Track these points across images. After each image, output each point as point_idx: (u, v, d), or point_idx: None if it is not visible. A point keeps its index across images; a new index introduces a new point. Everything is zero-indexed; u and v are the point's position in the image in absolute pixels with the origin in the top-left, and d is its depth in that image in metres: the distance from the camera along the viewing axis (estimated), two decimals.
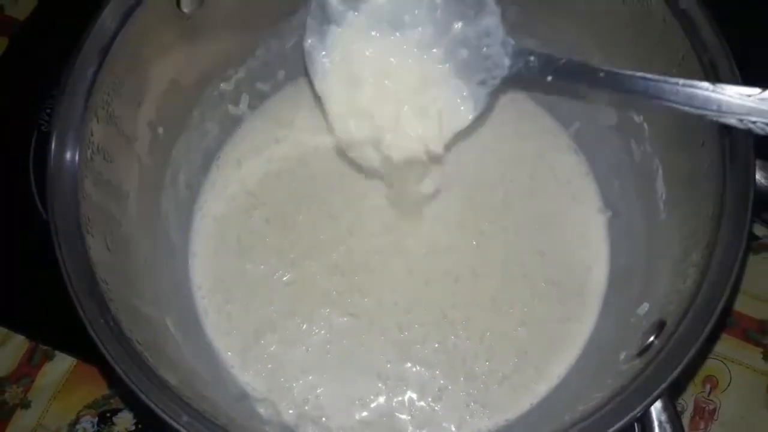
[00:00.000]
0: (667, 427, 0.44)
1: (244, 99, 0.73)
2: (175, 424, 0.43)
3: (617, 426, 0.43)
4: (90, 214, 0.50)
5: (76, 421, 0.73)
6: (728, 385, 0.72)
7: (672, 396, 0.44)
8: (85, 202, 0.49)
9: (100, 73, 0.53)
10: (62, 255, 0.47)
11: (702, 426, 0.71)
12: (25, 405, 0.74)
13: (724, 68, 0.51)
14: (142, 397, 0.44)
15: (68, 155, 0.50)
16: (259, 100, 0.74)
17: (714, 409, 0.71)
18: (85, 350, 0.70)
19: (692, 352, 0.44)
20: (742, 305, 0.74)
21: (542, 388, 0.63)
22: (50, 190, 0.48)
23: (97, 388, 0.74)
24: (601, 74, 0.52)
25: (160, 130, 0.62)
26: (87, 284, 0.47)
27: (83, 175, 0.50)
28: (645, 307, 0.56)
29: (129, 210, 0.57)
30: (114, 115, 0.55)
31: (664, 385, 0.43)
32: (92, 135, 0.52)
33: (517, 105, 0.74)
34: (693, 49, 0.53)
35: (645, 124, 0.62)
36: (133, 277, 0.55)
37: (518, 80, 0.72)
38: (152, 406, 0.44)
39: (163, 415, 0.44)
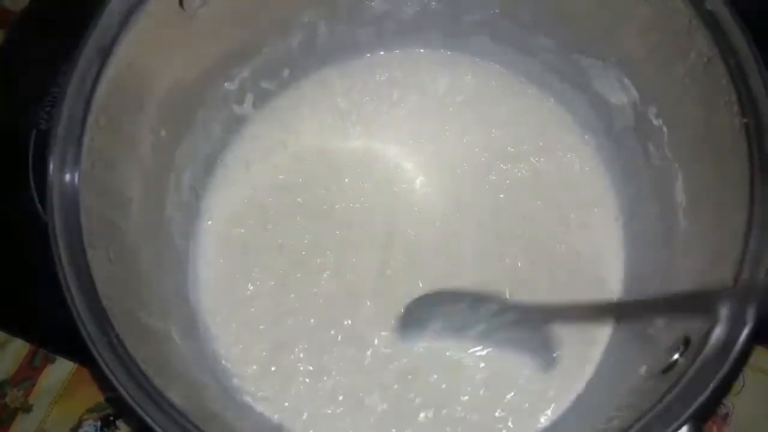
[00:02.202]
0: None
1: (249, 98, 0.71)
2: None
3: None
4: (92, 226, 0.48)
5: (79, 425, 0.73)
6: (741, 389, 0.71)
7: (698, 420, 0.43)
8: (86, 215, 0.48)
9: (101, 78, 0.50)
10: (64, 274, 0.45)
11: (714, 430, 0.70)
12: (27, 409, 0.73)
13: (752, 72, 0.49)
14: (148, 420, 0.43)
15: (68, 167, 0.48)
16: (263, 99, 0.72)
17: (726, 414, 0.70)
18: (86, 357, 0.69)
19: (720, 376, 0.42)
20: None
21: (557, 395, 0.61)
22: (50, 206, 0.46)
23: (99, 391, 0.73)
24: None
25: (163, 132, 0.60)
26: (90, 302, 0.45)
27: (84, 186, 0.48)
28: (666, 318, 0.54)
29: (132, 218, 0.55)
30: (115, 120, 0.53)
31: (690, 411, 0.42)
32: (93, 142, 0.50)
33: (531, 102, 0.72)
34: (719, 52, 0.51)
35: (664, 128, 0.60)
36: (137, 289, 0.54)
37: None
38: (159, 430, 0.42)
39: None
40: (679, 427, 0.42)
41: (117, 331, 0.45)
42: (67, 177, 0.48)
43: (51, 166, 0.47)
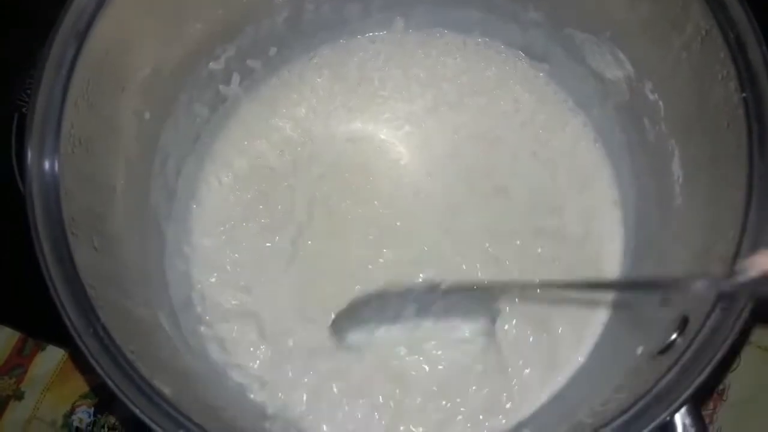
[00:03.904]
0: (692, 431, 0.43)
1: (235, 78, 0.69)
2: None
3: None
4: (74, 213, 0.47)
5: (72, 412, 0.72)
6: (738, 366, 0.71)
7: (697, 399, 0.42)
8: (67, 202, 0.47)
9: (79, 59, 0.49)
10: (46, 263, 0.44)
11: (711, 407, 0.70)
12: (19, 396, 0.73)
13: (751, 45, 0.48)
14: (137, 411, 0.42)
15: (47, 152, 0.47)
16: (250, 79, 0.70)
17: (723, 390, 0.70)
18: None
19: (720, 354, 0.42)
20: None
21: (555, 374, 0.61)
22: (29, 194, 0.45)
23: (91, 377, 0.72)
24: None
25: (147, 115, 0.59)
26: (73, 292, 0.44)
27: (64, 171, 0.47)
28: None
29: (116, 205, 0.54)
30: (95, 104, 0.52)
31: (690, 391, 0.41)
32: (72, 127, 0.49)
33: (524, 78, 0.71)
34: (717, 24, 0.49)
35: (660, 102, 0.59)
36: (123, 277, 0.53)
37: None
38: (147, 421, 0.42)
39: (159, 430, 0.42)
40: (677, 409, 0.42)
41: (102, 320, 0.44)
42: (47, 163, 0.47)
43: (29, 153, 0.46)
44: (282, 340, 0.63)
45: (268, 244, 0.66)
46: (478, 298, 0.58)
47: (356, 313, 0.59)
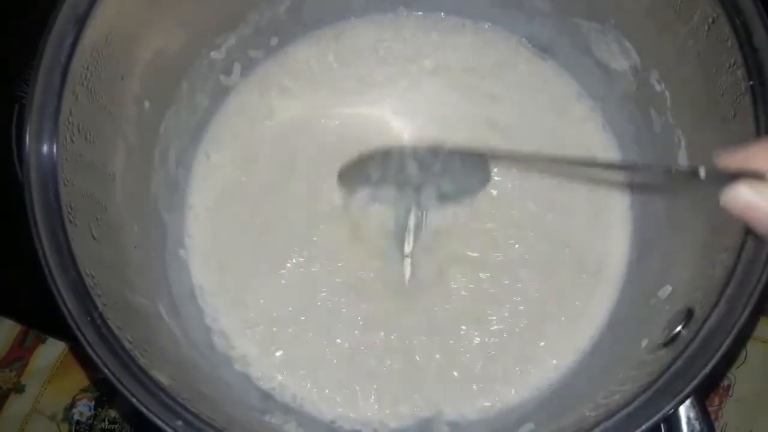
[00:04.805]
0: (696, 424, 0.42)
1: (236, 68, 0.68)
2: (169, 430, 0.41)
3: (644, 427, 0.40)
4: (72, 201, 0.47)
5: (73, 405, 0.72)
6: (744, 361, 0.70)
7: (702, 392, 0.42)
8: (66, 189, 0.46)
9: (78, 46, 0.48)
10: (43, 250, 0.43)
11: (717, 402, 0.69)
12: (19, 389, 0.73)
13: (758, 32, 0.47)
14: (134, 401, 0.42)
15: (45, 139, 0.46)
16: (251, 69, 0.70)
17: (729, 386, 0.70)
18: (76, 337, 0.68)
19: (725, 347, 0.41)
20: None
21: (559, 366, 0.60)
22: (27, 180, 0.45)
23: (92, 371, 0.72)
24: None
25: (147, 104, 0.58)
26: (71, 280, 0.44)
27: (63, 159, 0.47)
28: (667, 290, 0.53)
29: (115, 194, 0.54)
30: (95, 91, 0.51)
31: (695, 383, 0.41)
32: (71, 114, 0.48)
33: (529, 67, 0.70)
34: (724, 11, 0.48)
35: (667, 93, 0.58)
36: (122, 267, 0.52)
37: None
38: (144, 410, 0.41)
39: (156, 420, 0.41)
40: (682, 401, 0.41)
41: (100, 309, 0.44)
42: (45, 149, 0.46)
43: (27, 139, 0.46)
44: (282, 326, 0.63)
45: (268, 234, 0.65)
46: (474, 164, 0.63)
47: (361, 167, 0.62)
